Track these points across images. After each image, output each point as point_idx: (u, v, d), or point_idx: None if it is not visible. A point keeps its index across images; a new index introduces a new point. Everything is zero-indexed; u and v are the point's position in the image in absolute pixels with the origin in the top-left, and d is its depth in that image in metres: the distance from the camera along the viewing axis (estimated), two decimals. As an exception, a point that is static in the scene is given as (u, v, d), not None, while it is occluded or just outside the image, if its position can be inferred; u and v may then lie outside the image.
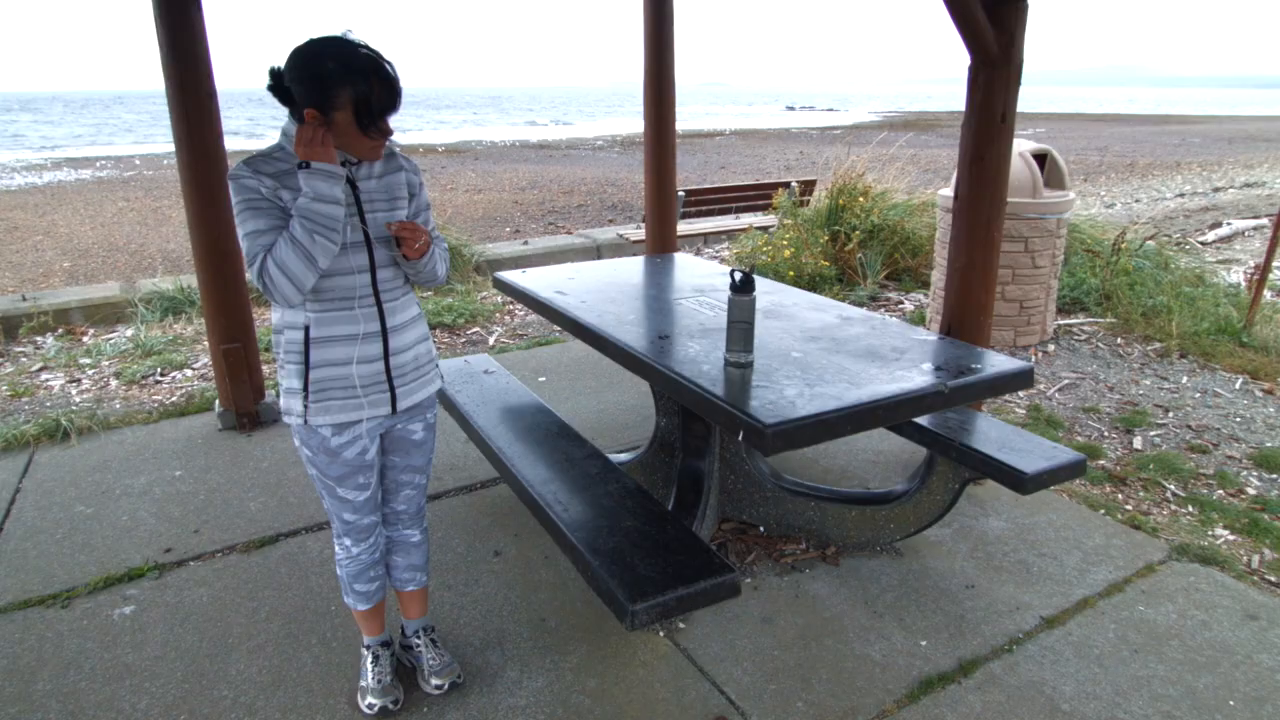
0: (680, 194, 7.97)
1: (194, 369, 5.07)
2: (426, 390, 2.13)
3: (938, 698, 2.33)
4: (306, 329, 1.92)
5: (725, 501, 3.17)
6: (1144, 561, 2.99)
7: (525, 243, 8.92)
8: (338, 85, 1.74)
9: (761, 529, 3.16)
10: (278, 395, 2.06)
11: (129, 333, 5.78)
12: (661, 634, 2.59)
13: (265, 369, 4.73)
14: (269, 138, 34.12)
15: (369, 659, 2.30)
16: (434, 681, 2.31)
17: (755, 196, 9.11)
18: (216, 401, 4.24)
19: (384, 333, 1.98)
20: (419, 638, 2.38)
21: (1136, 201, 15.39)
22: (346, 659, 2.47)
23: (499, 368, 3.59)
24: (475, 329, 5.95)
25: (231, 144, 4.36)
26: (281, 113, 1.83)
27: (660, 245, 5.05)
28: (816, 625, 2.64)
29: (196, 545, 3.10)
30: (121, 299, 6.33)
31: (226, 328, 4.06)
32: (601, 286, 3.31)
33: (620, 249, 8.69)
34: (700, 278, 3.49)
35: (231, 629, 2.62)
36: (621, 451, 3.52)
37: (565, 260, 7.88)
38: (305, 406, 1.95)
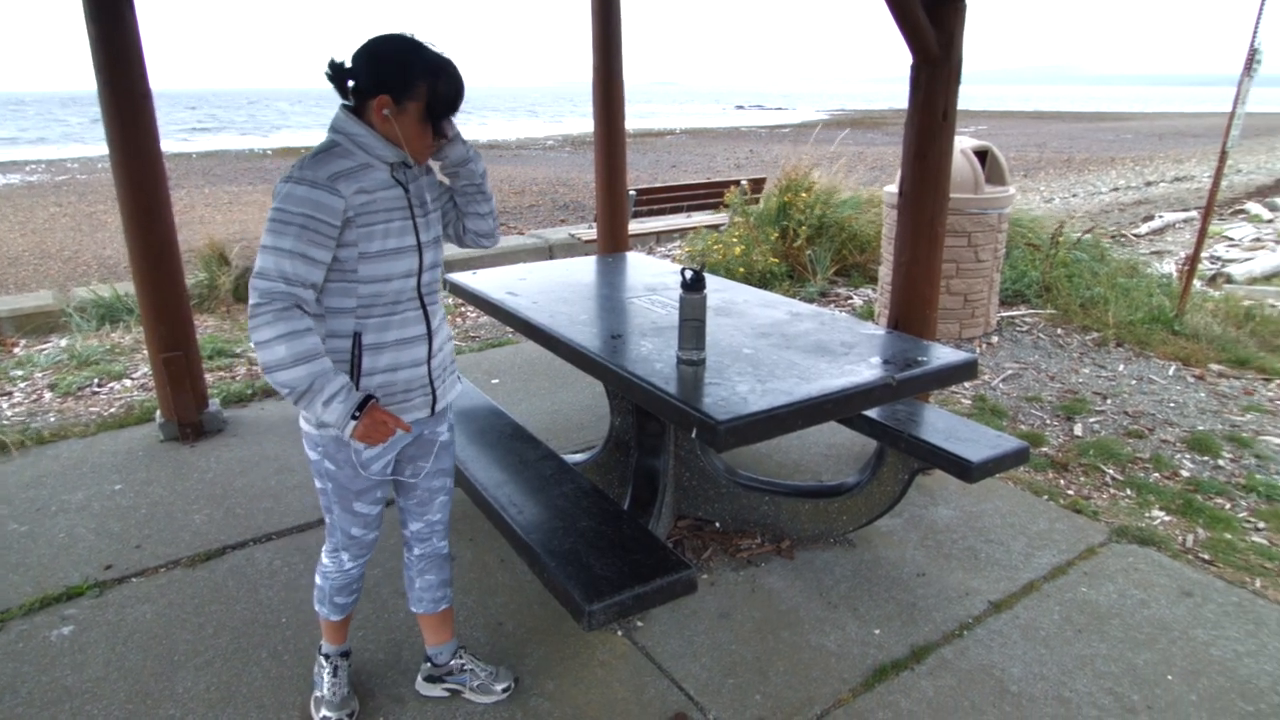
0: (631, 193, 7.98)
1: (133, 379, 4.91)
2: (456, 388, 2.13)
3: (891, 684, 2.38)
4: (358, 336, 1.85)
5: (681, 499, 3.18)
6: (1085, 544, 3.08)
7: (476, 244, 8.83)
8: (418, 76, 1.75)
9: (717, 525, 3.19)
10: (224, 404, 2.01)
11: (63, 343, 5.58)
12: (620, 633, 2.59)
13: (209, 377, 4.61)
14: (196, 141, 33.23)
15: (327, 670, 2.25)
16: (500, 686, 2.31)
17: (706, 195, 9.17)
18: (158, 412, 4.11)
19: (429, 334, 1.96)
20: (461, 657, 2.34)
21: (1074, 196, 15.88)
22: (299, 671, 2.42)
23: (451, 370, 3.55)
24: (426, 332, 5.87)
25: (168, 145, 4.23)
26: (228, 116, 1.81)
27: (612, 245, 5.05)
28: (773, 618, 2.67)
29: (139, 561, 3.00)
30: (55, 308, 6.10)
31: (167, 335, 3.95)
32: (553, 287, 3.29)
33: (573, 249, 8.66)
34: (652, 276, 3.50)
35: (177, 646, 2.54)
36: (577, 452, 3.52)
37: (517, 261, 7.82)
38: (354, 415, 1.79)
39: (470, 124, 43.64)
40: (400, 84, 1.74)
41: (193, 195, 15.32)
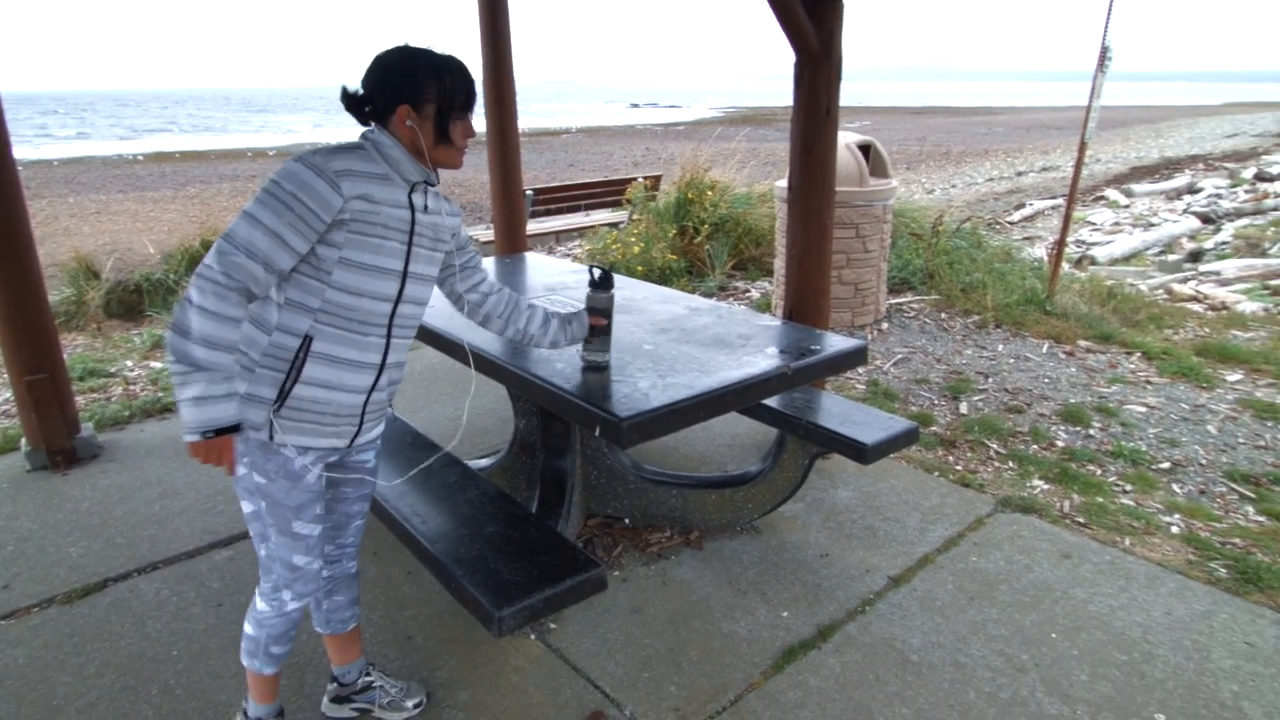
0: (528, 193, 7.92)
1: (-7, 406, 4.53)
2: (382, 425, 2.01)
3: (800, 664, 2.45)
4: (308, 339, 1.71)
5: (590, 497, 3.18)
6: (974, 516, 3.26)
7: (370, 249, 8.57)
8: (426, 77, 1.71)
9: (627, 521, 3.20)
10: (98, 428, 1.87)
11: (-92, 370, 5.09)
12: (533, 636, 2.57)
13: (80, 399, 4.30)
14: (58, 147, 30.97)
15: None
16: (412, 702, 2.24)
17: (605, 193, 9.19)
18: (23, 440, 3.81)
19: (381, 367, 1.82)
20: (369, 674, 2.25)
21: (953, 187, 16.73)
22: (194, 706, 2.30)
23: (346, 380, 3.43)
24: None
25: (21, 152, 3.92)
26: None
27: (510, 246, 5.00)
28: (685, 609, 2.71)
29: (7, 602, 2.77)
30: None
31: (29, 358, 3.66)
32: (450, 290, 3.23)
33: (471, 251, 8.52)
34: (552, 276, 3.48)
35: (56, 690, 2.37)
36: (482, 457, 3.47)
37: (414, 265, 7.63)
38: (271, 420, 1.73)
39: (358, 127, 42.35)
40: (414, 89, 1.71)
41: (55, 205, 14.24)
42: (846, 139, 5.38)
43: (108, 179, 18.99)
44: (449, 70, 1.73)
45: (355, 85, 1.75)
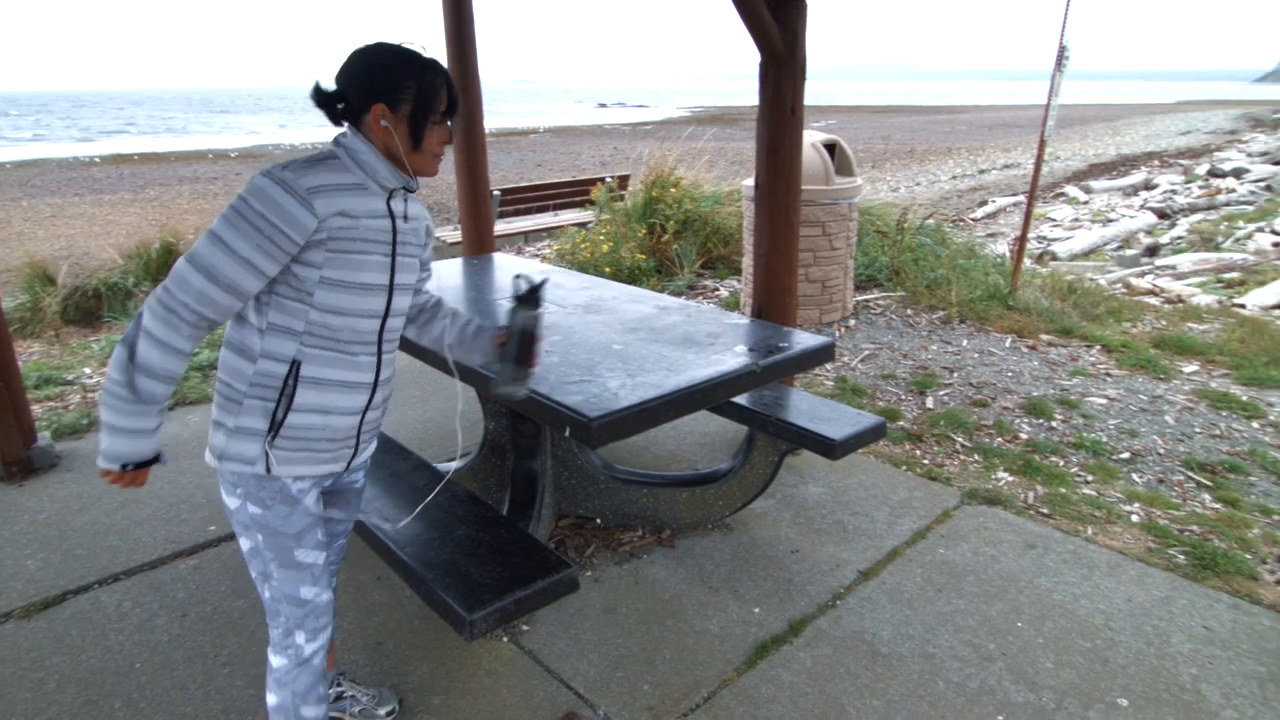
0: (495, 193, 7.87)
1: (-56, 416, 4.40)
2: (375, 443, 1.93)
3: (773, 660, 2.47)
4: (296, 364, 1.62)
5: (561, 498, 3.18)
6: (941, 509, 3.31)
7: (335, 251, 8.47)
8: (407, 76, 1.60)
9: (599, 521, 3.20)
10: (55, 437, 1.80)
11: None
12: (505, 639, 2.56)
13: (36, 408, 4.20)
14: (12, 149, 30.18)
15: None
16: (385, 710, 2.21)
17: (573, 193, 9.17)
18: (-24, 451, 3.70)
19: (374, 385, 1.74)
20: (340, 684, 2.22)
21: (917, 185, 16.94)
22: (157, 719, 2.25)
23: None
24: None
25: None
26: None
27: (477, 246, 4.97)
28: (657, 608, 2.71)
29: (-39, 617, 2.70)
30: None
31: (-19, 366, 3.56)
32: (417, 292, 3.20)
33: (438, 252, 8.46)
34: (519, 277, 3.46)
35: (15, 706, 2.31)
36: (451, 460, 3.44)
37: (380, 267, 7.56)
38: (267, 452, 1.64)
39: (325, 127, 41.80)
40: (392, 88, 1.60)
41: (9, 210, 13.87)
42: (812, 138, 5.42)
43: (64, 182, 18.53)
44: (431, 70, 1.63)
45: (329, 82, 1.64)
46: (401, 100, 1.61)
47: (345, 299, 1.62)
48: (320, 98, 1.62)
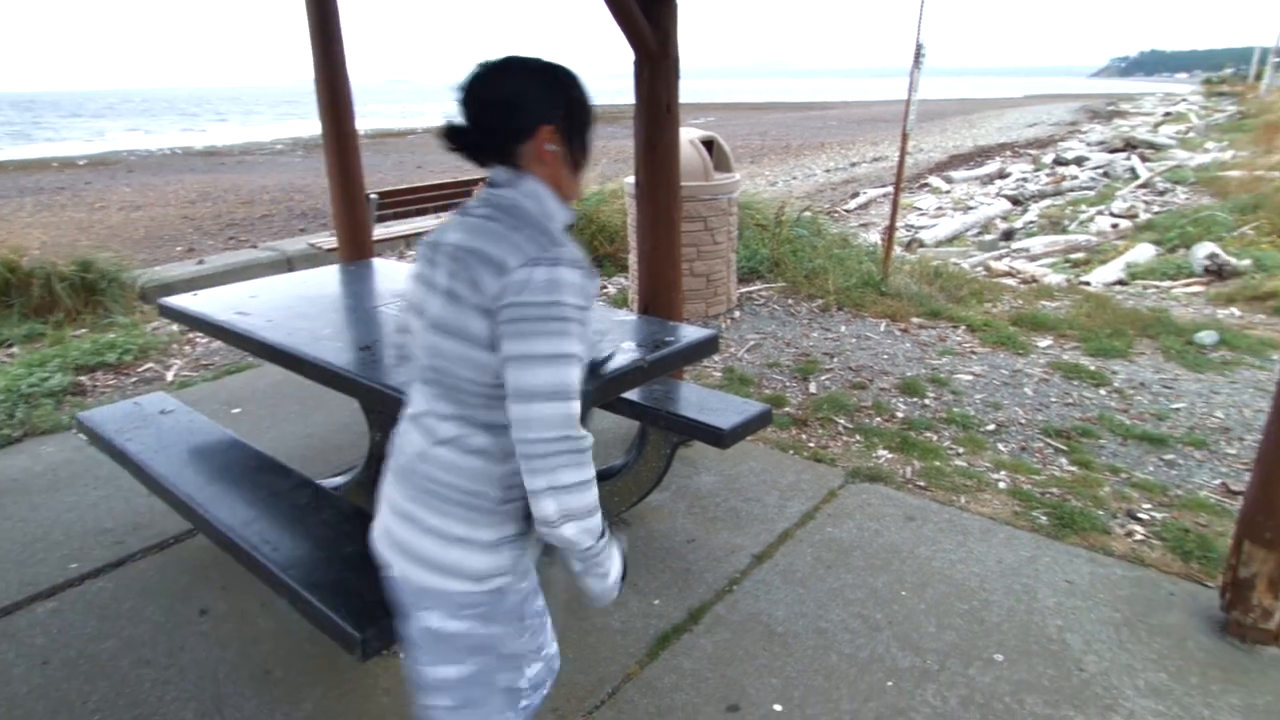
0: (372, 197, 7.61)
1: None
2: None
3: (674, 649, 2.50)
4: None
5: (455, 506, 3.11)
6: (828, 489, 3.44)
7: (201, 262, 7.99)
8: (560, 91, 1.38)
9: (495, 526, 3.15)
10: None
11: None
12: (402, 655, 2.48)
13: None
14: None
15: None
16: None
17: (457, 194, 8.96)
18: None
19: None
20: None
21: (794, 179, 17.52)
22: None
23: (179, 405, 3.19)
24: (149, 365, 5.22)
25: None
26: None
27: (355, 252, 4.79)
28: (556, 609, 2.70)
29: None
30: None
31: None
32: (291, 302, 3.07)
33: (315, 259, 8.11)
34: (400, 282, 3.37)
35: None
36: (336, 475, 3.32)
37: (252, 277, 7.16)
38: (527, 552, 1.46)
39: (190, 131, 39.27)
40: (554, 104, 1.37)
41: None
42: (690, 135, 5.52)
43: (-124, 196, 16.64)
44: (575, 83, 1.40)
45: (459, 117, 1.36)
46: (561, 118, 1.38)
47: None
48: (462, 135, 1.37)
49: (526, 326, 1.25)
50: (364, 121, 4.66)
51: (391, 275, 3.52)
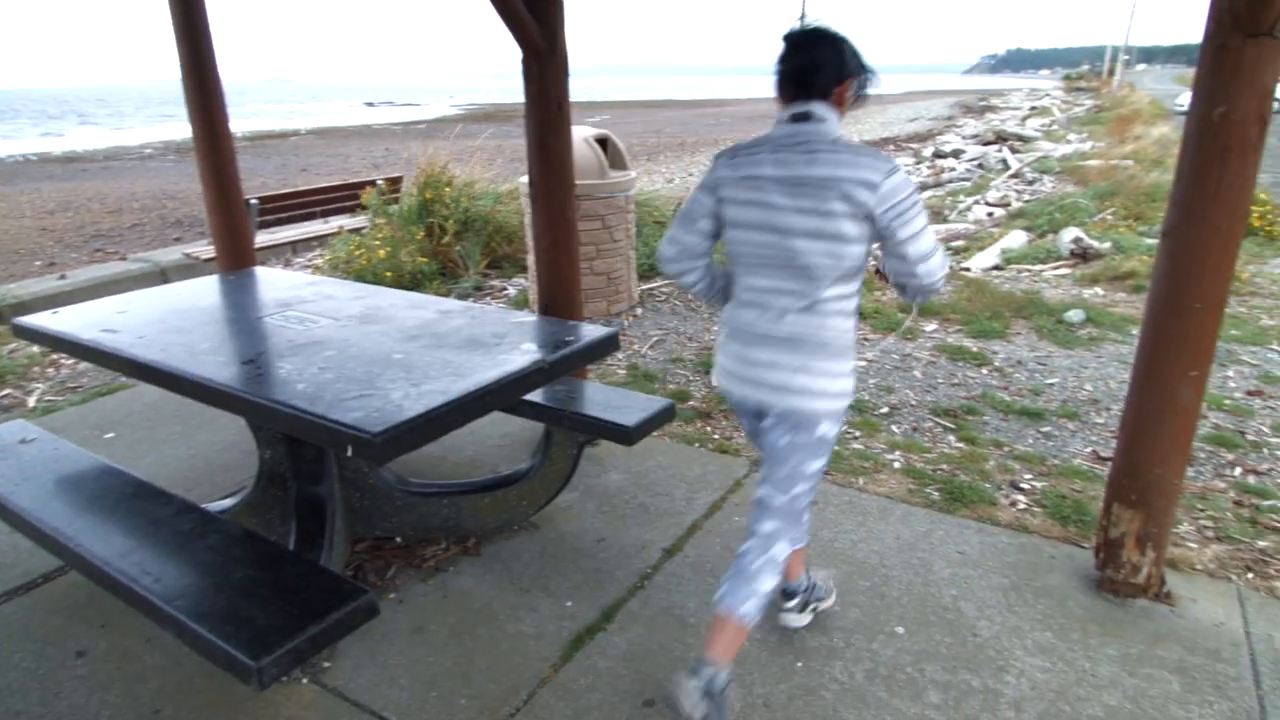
0: (252, 202, 7.26)
1: None
2: None
3: (588, 649, 2.49)
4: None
5: (355, 521, 3.00)
6: (733, 479, 3.50)
7: (63, 277, 7.44)
8: (853, 56, 1.99)
9: (399, 540, 3.06)
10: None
11: None
12: (305, 680, 2.38)
13: None
14: None
15: None
16: None
17: (343, 197, 8.65)
18: None
19: None
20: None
21: (690, 175, 17.77)
22: None
23: (41, 433, 2.95)
24: (6, 391, 4.82)
25: None
26: None
27: (235, 261, 4.55)
28: (468, 619, 2.64)
29: None
30: None
31: None
32: (163, 316, 2.88)
33: (191, 270, 7.67)
34: (285, 290, 3.22)
35: None
36: (224, 497, 3.14)
37: (122, 291, 6.70)
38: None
39: (49, 136, 36.33)
40: (854, 65, 1.97)
41: None
42: (583, 133, 5.50)
43: None
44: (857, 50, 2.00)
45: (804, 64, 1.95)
46: (855, 74, 1.99)
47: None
48: (804, 78, 1.95)
49: (908, 214, 1.89)
50: (243, 123, 4.41)
51: (274, 283, 3.35)
